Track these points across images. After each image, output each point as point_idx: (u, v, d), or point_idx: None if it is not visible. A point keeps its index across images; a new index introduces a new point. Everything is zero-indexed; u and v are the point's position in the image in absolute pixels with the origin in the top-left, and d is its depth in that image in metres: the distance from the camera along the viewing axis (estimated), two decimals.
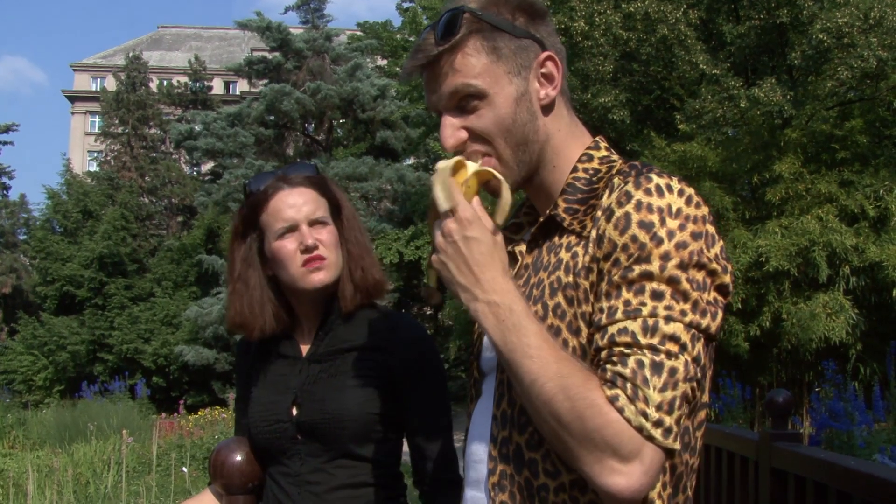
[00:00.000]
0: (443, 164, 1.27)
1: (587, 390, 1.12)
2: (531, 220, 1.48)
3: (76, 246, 28.45)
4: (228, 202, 22.61)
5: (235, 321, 1.95)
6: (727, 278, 1.21)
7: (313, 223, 1.89)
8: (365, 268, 1.93)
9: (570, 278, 1.23)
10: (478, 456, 1.34)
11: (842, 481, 2.47)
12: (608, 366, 1.14)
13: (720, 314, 1.20)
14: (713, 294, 1.20)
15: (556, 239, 1.31)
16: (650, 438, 1.10)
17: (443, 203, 1.25)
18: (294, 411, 1.86)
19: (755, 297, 9.80)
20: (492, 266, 1.21)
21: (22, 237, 40.26)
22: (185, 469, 8.82)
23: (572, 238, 1.27)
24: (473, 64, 1.29)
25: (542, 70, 1.33)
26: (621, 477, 1.10)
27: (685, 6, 10.91)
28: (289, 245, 1.88)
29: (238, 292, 1.94)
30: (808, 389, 9.76)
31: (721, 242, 1.22)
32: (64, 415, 13.40)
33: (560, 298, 1.23)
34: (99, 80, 53.42)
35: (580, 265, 1.22)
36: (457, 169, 1.27)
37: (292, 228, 1.88)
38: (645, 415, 1.10)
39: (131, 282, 27.79)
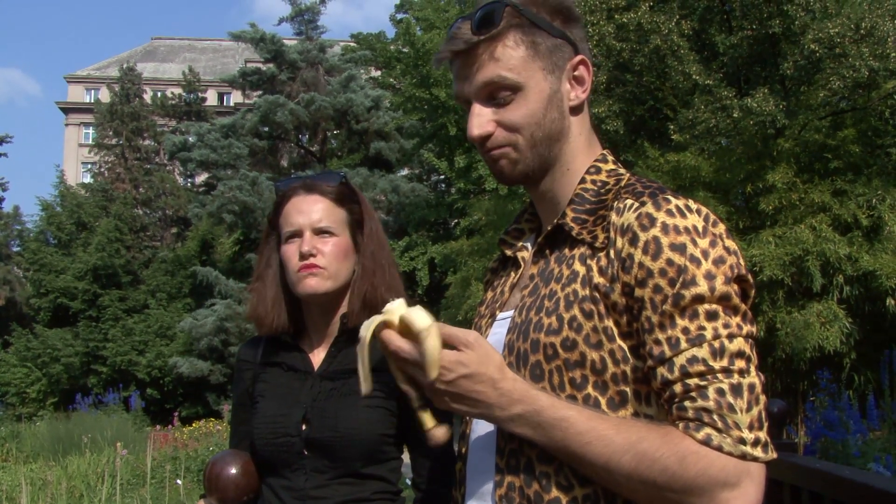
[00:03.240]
0: (363, 332, 1.24)
1: (671, 444, 1.12)
2: (533, 226, 1.49)
3: (70, 258, 28.36)
4: (223, 213, 22.56)
5: (251, 315, 2.00)
6: (753, 289, 1.23)
7: (318, 232, 1.91)
8: (375, 284, 1.93)
9: (587, 291, 1.23)
10: (482, 466, 1.33)
11: (837, 491, 2.47)
12: (687, 402, 1.13)
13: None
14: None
15: (567, 250, 1.30)
16: (754, 459, 1.12)
17: (362, 384, 1.25)
18: (303, 427, 1.86)
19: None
20: (491, 386, 1.18)
21: (16, 249, 40.08)
22: (179, 481, 8.78)
23: (584, 249, 1.27)
24: (512, 55, 1.31)
25: (575, 72, 1.35)
26: (738, 501, 1.11)
27: (678, 17, 10.95)
28: (291, 249, 1.91)
29: (256, 290, 1.99)
30: (802, 399, 9.75)
31: (742, 254, 1.24)
32: (58, 427, 13.32)
33: (576, 311, 1.23)
34: (93, 91, 53.41)
35: (597, 279, 1.22)
36: (387, 325, 1.21)
37: (297, 234, 1.91)
38: (742, 441, 1.11)
39: (125, 293, 27.69)
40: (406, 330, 1.20)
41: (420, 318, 1.18)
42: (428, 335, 1.16)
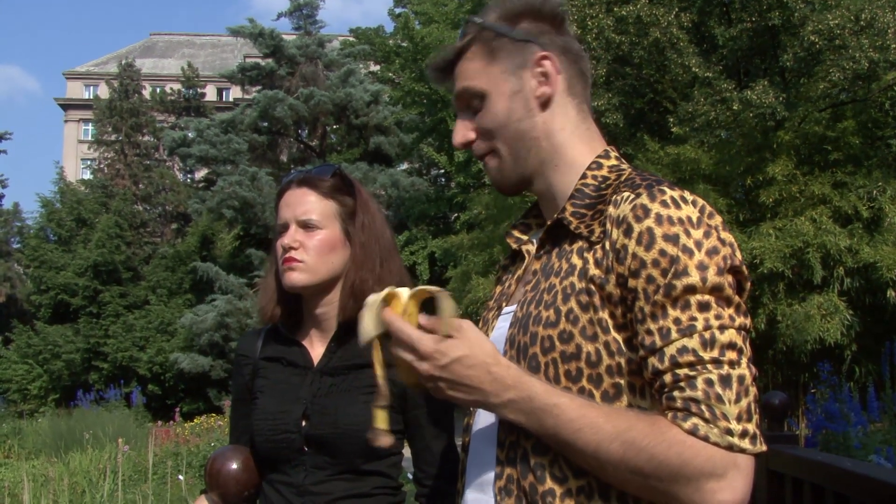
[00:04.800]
0: (372, 298, 1.27)
1: (659, 433, 1.13)
2: (540, 222, 1.51)
3: (70, 254, 28.35)
4: (222, 209, 22.57)
5: (258, 306, 2.04)
6: (748, 281, 1.24)
7: (303, 225, 1.91)
8: (364, 277, 1.92)
9: (583, 284, 1.24)
10: (483, 458, 1.34)
11: (839, 483, 2.47)
12: (676, 392, 1.14)
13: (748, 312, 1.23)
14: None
15: (567, 245, 1.31)
16: (741, 451, 1.12)
17: (365, 332, 1.25)
18: (303, 423, 1.86)
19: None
20: (484, 370, 1.20)
21: (16, 246, 40.14)
22: (181, 477, 8.78)
23: (582, 243, 1.28)
24: (473, 66, 1.40)
25: (539, 68, 1.37)
26: (725, 493, 1.12)
27: (677, 9, 10.94)
28: (278, 243, 1.92)
29: (262, 282, 2.04)
30: (803, 391, 9.77)
31: (738, 246, 1.24)
32: (59, 424, 13.31)
33: (573, 304, 1.23)
34: (92, 87, 53.32)
35: (592, 271, 1.23)
36: (389, 301, 1.25)
37: (285, 227, 1.92)
38: (730, 431, 1.11)
39: (126, 289, 27.71)
40: (403, 314, 1.24)
41: (436, 287, 1.23)
42: (445, 297, 1.20)
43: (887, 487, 2.16)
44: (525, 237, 1.51)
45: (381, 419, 1.33)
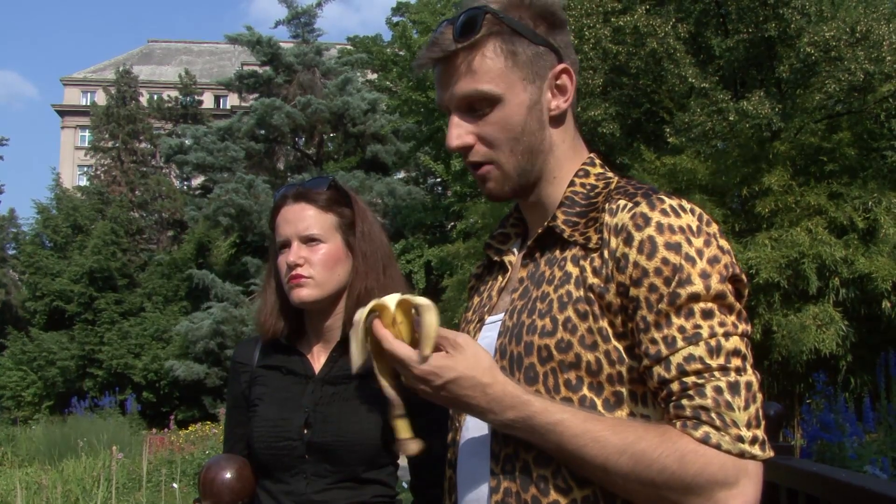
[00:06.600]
0: (357, 316, 1.26)
1: (670, 443, 1.12)
2: (519, 230, 1.48)
3: (66, 261, 28.34)
4: (219, 216, 22.55)
5: (256, 320, 2.04)
6: (746, 288, 1.23)
7: (306, 240, 1.91)
8: (369, 287, 1.92)
9: (581, 292, 1.22)
10: (475, 473, 1.31)
11: (834, 494, 2.47)
12: (684, 401, 1.13)
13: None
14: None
15: (558, 252, 1.29)
16: (752, 457, 1.12)
17: (355, 359, 1.26)
18: (305, 431, 1.86)
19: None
20: (480, 391, 1.18)
21: (11, 252, 40.01)
22: (175, 485, 8.76)
23: (577, 251, 1.26)
24: (490, 66, 1.28)
25: (557, 81, 1.32)
26: (737, 501, 1.11)
27: (674, 20, 10.97)
28: (282, 260, 1.92)
29: (261, 297, 2.03)
30: (799, 401, 9.76)
31: (735, 255, 1.23)
32: (53, 431, 13.28)
33: (570, 312, 1.22)
34: (89, 94, 53.26)
35: (591, 280, 1.21)
36: (375, 311, 1.25)
37: (286, 244, 1.92)
38: (741, 438, 1.11)
39: (121, 296, 27.67)
40: (393, 324, 1.23)
41: (421, 298, 1.21)
42: (427, 310, 1.18)
43: (883, 499, 2.16)
44: (505, 246, 1.47)
45: (402, 429, 1.31)
